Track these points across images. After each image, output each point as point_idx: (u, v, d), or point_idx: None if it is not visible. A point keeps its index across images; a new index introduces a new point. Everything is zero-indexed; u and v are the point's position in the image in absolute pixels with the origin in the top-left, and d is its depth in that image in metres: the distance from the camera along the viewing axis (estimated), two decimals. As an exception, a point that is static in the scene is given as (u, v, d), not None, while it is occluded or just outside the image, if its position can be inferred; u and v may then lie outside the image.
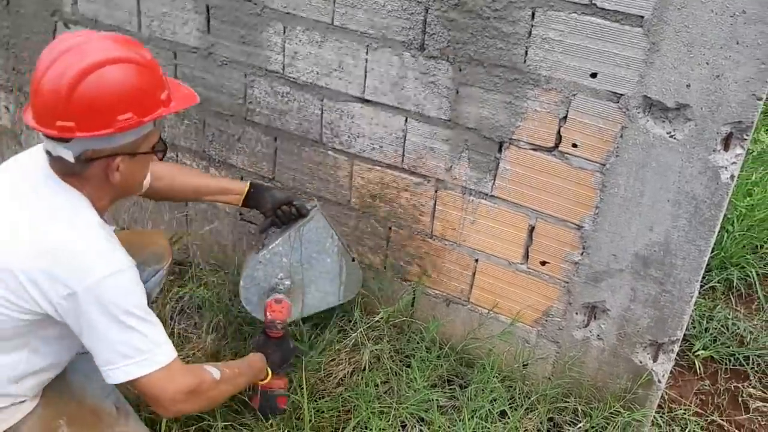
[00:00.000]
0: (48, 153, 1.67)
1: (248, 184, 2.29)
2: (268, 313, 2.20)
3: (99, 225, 1.68)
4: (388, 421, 2.19)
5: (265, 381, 2.12)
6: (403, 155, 2.40)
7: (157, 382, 1.69)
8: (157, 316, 1.76)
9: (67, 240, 1.62)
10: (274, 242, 2.26)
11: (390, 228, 2.55)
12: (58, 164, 1.66)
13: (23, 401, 1.80)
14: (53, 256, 1.59)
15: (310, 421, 2.16)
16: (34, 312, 1.63)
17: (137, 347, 1.66)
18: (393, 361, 2.43)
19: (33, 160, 1.74)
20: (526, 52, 2.06)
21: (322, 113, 2.49)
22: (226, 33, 2.54)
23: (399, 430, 2.19)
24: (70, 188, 1.67)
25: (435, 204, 2.41)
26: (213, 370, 1.86)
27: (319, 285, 2.35)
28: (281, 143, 2.63)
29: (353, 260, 2.37)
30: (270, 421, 2.19)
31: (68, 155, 1.61)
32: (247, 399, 2.19)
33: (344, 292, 2.41)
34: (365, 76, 2.35)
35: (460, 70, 2.18)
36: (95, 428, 1.88)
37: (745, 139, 1.87)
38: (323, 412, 2.26)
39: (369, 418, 2.20)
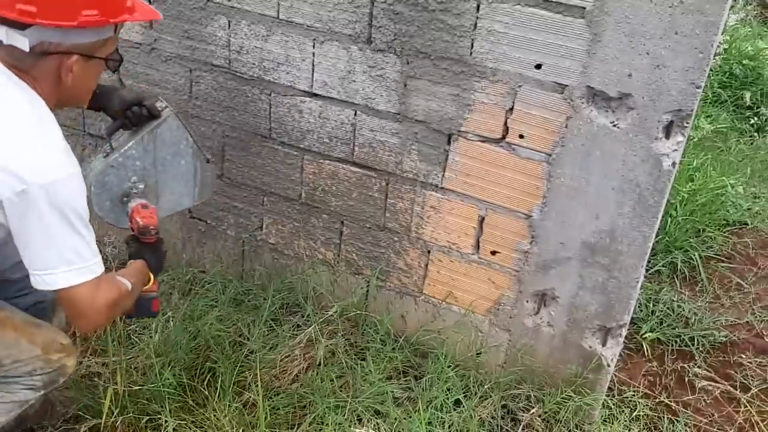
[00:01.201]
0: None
1: None
2: (138, 219, 2.07)
3: (57, 124, 1.62)
4: (344, 416, 2.19)
5: (146, 286, 2.04)
6: (353, 149, 2.39)
7: (88, 292, 1.65)
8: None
9: (29, 135, 1.56)
10: (126, 145, 2.12)
11: (342, 222, 2.54)
12: (8, 55, 1.58)
13: None
14: (13, 149, 1.53)
15: (266, 419, 2.15)
16: None
17: (81, 254, 1.62)
18: (348, 355, 2.44)
19: None
20: (472, 45, 2.07)
21: (270, 108, 2.47)
22: (169, 28, 2.50)
23: (355, 423, 2.20)
24: (25, 84, 1.60)
25: (386, 197, 2.42)
26: (124, 281, 1.82)
27: (174, 187, 2.25)
28: (229, 139, 2.60)
29: (207, 161, 2.27)
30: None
31: (23, 44, 1.54)
32: None
33: (199, 194, 2.31)
34: (313, 70, 2.34)
35: (408, 63, 2.18)
36: None
37: (686, 127, 1.92)
38: (278, 409, 2.25)
39: (325, 413, 2.20)
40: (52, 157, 1.56)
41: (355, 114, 2.34)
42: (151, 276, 2.05)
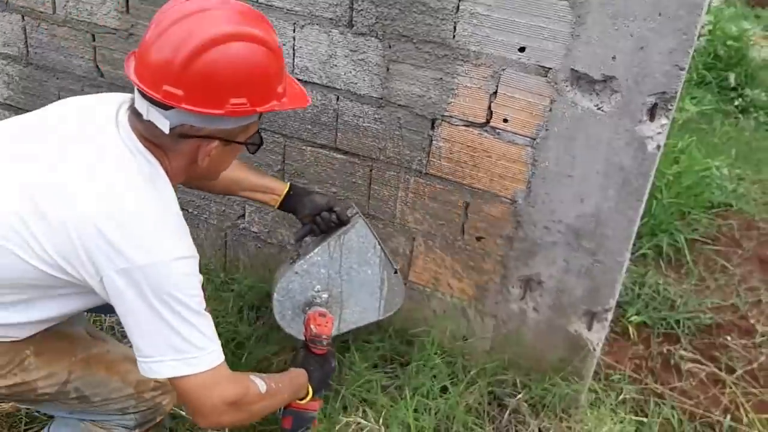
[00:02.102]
0: (134, 113, 1.51)
1: (288, 185, 2.11)
2: (312, 327, 1.99)
3: (176, 204, 1.54)
4: (331, 404, 2.18)
5: (303, 402, 1.91)
6: (336, 135, 2.36)
7: (202, 385, 1.51)
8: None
9: (141, 210, 1.45)
10: (312, 251, 2.08)
11: (325, 209, 2.52)
12: (144, 129, 1.51)
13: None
14: (122, 222, 1.42)
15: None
16: (67, 274, 1.46)
17: (192, 343, 1.48)
18: (334, 344, 2.42)
19: (107, 112, 1.56)
20: (455, 28, 2.04)
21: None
22: (146, 13, 2.45)
23: (342, 411, 2.19)
24: (153, 158, 1.52)
25: (370, 184, 2.39)
26: (259, 382, 1.67)
27: (359, 299, 2.18)
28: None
29: (395, 272, 2.20)
30: None
31: (164, 124, 1.46)
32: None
33: (384, 308, 2.23)
34: (294, 54, 2.30)
35: (390, 47, 2.15)
36: (68, 353, 1.71)
37: (670, 110, 1.90)
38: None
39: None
40: (163, 237, 1.46)
41: (338, 99, 2.31)
42: (311, 390, 1.90)
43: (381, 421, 2.15)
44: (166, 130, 1.47)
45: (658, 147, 1.95)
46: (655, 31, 1.82)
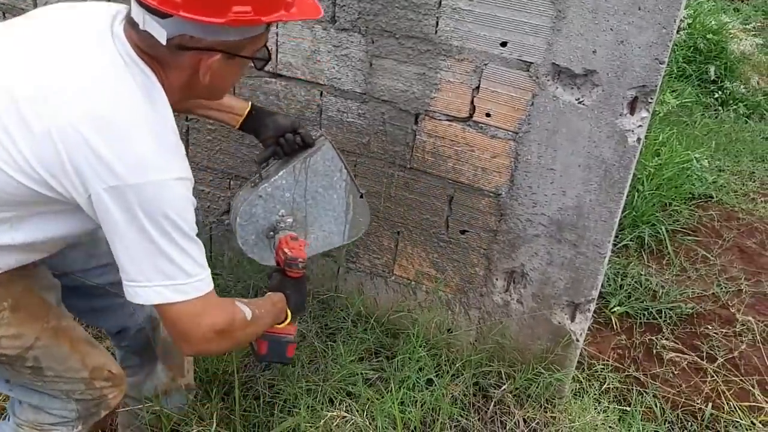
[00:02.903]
0: (132, 23, 1.39)
1: (250, 104, 1.97)
2: (286, 250, 1.90)
3: (173, 123, 1.42)
4: (316, 398, 2.19)
5: (281, 325, 1.83)
6: (320, 130, 2.37)
7: (191, 313, 1.43)
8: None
9: (137, 122, 1.33)
10: (276, 174, 1.97)
11: (310, 204, 2.52)
12: (140, 40, 1.38)
13: None
14: (114, 135, 1.31)
15: (242, 405, 2.14)
16: (53, 190, 1.36)
17: (182, 268, 1.39)
18: (319, 337, 2.43)
19: (100, 21, 1.43)
20: (437, 23, 2.05)
21: (234, 90, 2.43)
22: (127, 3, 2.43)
23: (327, 405, 2.20)
24: (150, 72, 1.39)
25: (355, 178, 2.39)
26: (245, 309, 1.60)
27: (323, 224, 2.08)
28: (193, 122, 2.56)
29: (361, 196, 2.10)
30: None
31: (161, 34, 1.34)
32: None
33: (349, 232, 2.14)
34: (277, 50, 2.30)
35: (373, 42, 2.16)
36: (41, 318, 1.62)
37: (650, 103, 1.93)
38: (250, 390, 2.24)
39: (296, 396, 2.19)
40: (157, 154, 1.35)
41: (321, 94, 2.31)
42: (289, 314, 1.84)
43: (366, 414, 2.16)
44: (163, 41, 1.35)
45: (639, 140, 1.98)
46: (634, 25, 1.84)
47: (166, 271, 1.39)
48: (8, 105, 1.34)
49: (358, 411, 2.16)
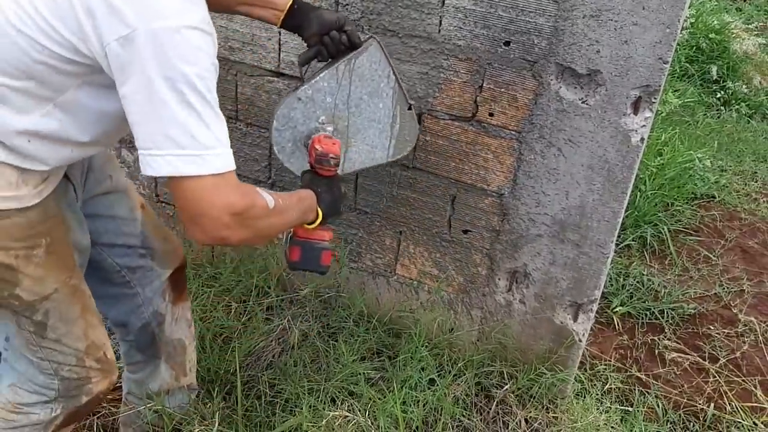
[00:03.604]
0: None
1: None
2: (318, 146, 1.77)
3: None
4: (318, 398, 2.19)
5: (312, 226, 1.70)
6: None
7: (205, 189, 1.30)
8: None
9: None
10: (317, 76, 1.84)
11: (312, 203, 2.52)
12: None
13: (32, 172, 1.43)
14: None
15: (244, 405, 2.14)
16: (77, 51, 1.28)
17: (196, 138, 1.27)
18: (321, 337, 2.43)
19: None
20: (441, 22, 2.05)
21: (236, 89, 2.42)
22: (130, 7, 2.43)
23: (329, 405, 2.19)
24: None
25: (357, 178, 2.39)
26: (267, 196, 1.46)
27: (367, 136, 1.92)
28: (196, 121, 2.55)
29: (410, 108, 1.95)
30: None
31: None
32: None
33: (395, 148, 1.98)
34: (280, 49, 2.30)
35: (375, 41, 2.15)
36: (67, 270, 1.57)
37: (654, 103, 1.92)
38: (252, 389, 2.24)
39: (298, 396, 2.19)
40: (175, 1, 1.24)
41: (324, 94, 2.31)
42: (320, 214, 1.68)
43: (368, 414, 2.16)
44: None
45: (642, 140, 1.97)
46: (638, 25, 1.84)
47: (177, 139, 1.27)
48: None
49: (360, 411, 2.16)
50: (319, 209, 1.70)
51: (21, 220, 1.44)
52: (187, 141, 1.27)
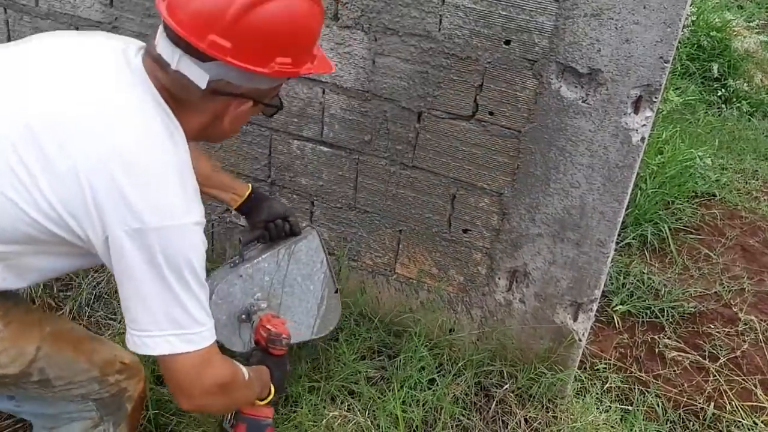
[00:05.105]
0: (158, 62, 1.36)
1: (251, 187, 2.03)
2: (269, 327, 1.90)
3: (191, 167, 1.39)
4: (318, 396, 2.19)
5: (263, 402, 1.80)
6: (323, 128, 2.36)
7: (197, 364, 1.40)
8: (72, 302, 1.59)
9: (164, 166, 1.32)
10: (260, 257, 1.99)
11: (312, 202, 2.52)
12: (169, 80, 1.36)
13: None
14: (141, 178, 1.29)
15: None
16: (69, 231, 1.32)
17: (194, 317, 1.37)
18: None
19: (111, 51, 1.40)
20: (441, 21, 2.04)
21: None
22: (129, 6, 2.43)
23: (329, 404, 2.20)
24: (170, 111, 1.37)
25: (357, 177, 2.39)
26: (242, 368, 1.59)
27: (296, 313, 2.07)
28: (195, 119, 2.55)
29: (336, 291, 2.14)
30: None
31: (201, 77, 1.33)
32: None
33: (318, 327, 2.14)
34: (279, 47, 2.29)
35: (376, 39, 2.15)
36: (37, 325, 1.53)
37: (654, 102, 1.92)
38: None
39: (299, 394, 2.19)
40: (181, 198, 1.33)
41: (324, 92, 2.30)
42: (272, 390, 1.80)
43: (368, 413, 2.16)
44: (203, 85, 1.34)
45: (643, 139, 1.97)
46: (639, 24, 1.83)
47: (179, 320, 1.36)
48: (24, 135, 1.29)
49: (359, 411, 2.16)
50: (271, 388, 1.81)
51: None
52: (188, 322, 1.37)
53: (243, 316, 1.96)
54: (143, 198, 1.29)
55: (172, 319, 1.36)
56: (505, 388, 2.34)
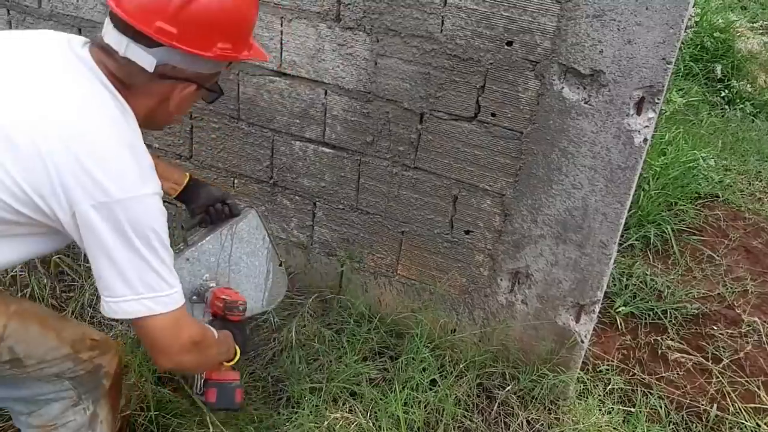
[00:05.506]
0: (106, 50, 1.47)
1: (187, 176, 2.09)
2: (224, 296, 1.97)
3: (144, 144, 1.49)
4: (320, 398, 2.19)
5: (228, 365, 1.88)
6: (325, 129, 2.36)
7: (171, 324, 1.50)
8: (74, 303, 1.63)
9: (120, 144, 1.42)
10: (203, 239, 2.05)
11: (315, 204, 2.52)
12: (117, 66, 1.46)
13: None
14: (102, 155, 1.38)
15: (246, 404, 2.14)
16: (38, 210, 1.40)
17: (166, 280, 1.47)
18: (323, 336, 2.42)
19: (57, 44, 1.50)
20: (443, 22, 2.04)
21: (238, 88, 2.42)
22: (132, 7, 2.43)
23: (330, 405, 2.19)
24: (120, 97, 1.47)
25: (359, 178, 2.39)
26: (210, 328, 1.70)
27: (244, 289, 2.14)
28: (197, 121, 2.55)
29: (280, 265, 2.21)
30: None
31: (149, 62, 1.44)
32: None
33: (267, 299, 2.22)
34: (281, 48, 2.29)
35: (378, 41, 2.15)
36: (2, 303, 1.58)
37: (657, 103, 1.91)
38: (253, 391, 2.24)
39: (301, 395, 2.19)
40: (138, 172, 1.43)
41: (326, 93, 2.30)
42: (238, 352, 1.88)
43: (369, 415, 2.16)
44: (151, 69, 1.45)
45: (645, 140, 1.96)
46: (642, 25, 1.83)
47: (152, 284, 1.45)
48: None
49: (361, 412, 2.16)
50: (236, 350, 1.88)
51: None
52: (160, 285, 1.46)
53: (194, 297, 2.02)
54: (104, 172, 1.38)
55: (145, 284, 1.45)
56: (507, 389, 2.33)
